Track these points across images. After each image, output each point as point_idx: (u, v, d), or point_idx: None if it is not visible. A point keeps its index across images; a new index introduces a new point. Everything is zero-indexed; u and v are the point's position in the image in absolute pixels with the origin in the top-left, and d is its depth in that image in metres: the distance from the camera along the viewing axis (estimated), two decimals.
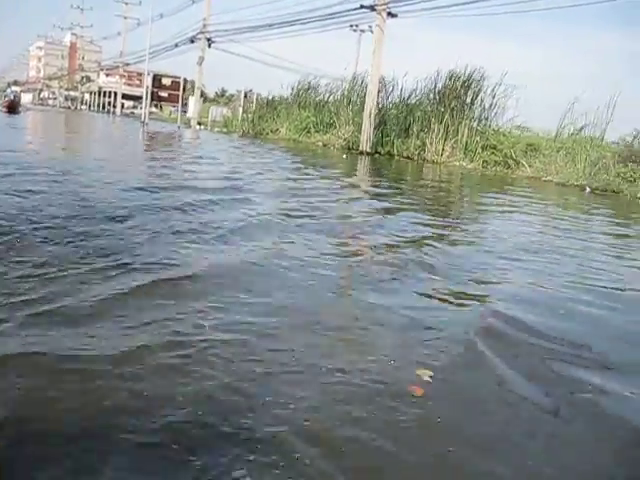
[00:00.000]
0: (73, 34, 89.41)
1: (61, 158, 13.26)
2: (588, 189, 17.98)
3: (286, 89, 35.93)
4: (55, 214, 5.98)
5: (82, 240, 5.10)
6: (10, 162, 9.91)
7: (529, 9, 24.61)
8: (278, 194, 9.82)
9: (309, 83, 34.02)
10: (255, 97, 39.94)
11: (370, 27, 38.20)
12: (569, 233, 8.96)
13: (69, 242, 4.98)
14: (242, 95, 41.12)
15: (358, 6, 23.85)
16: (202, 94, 65.71)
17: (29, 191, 7.14)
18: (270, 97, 36.94)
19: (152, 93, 42.58)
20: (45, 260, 4.36)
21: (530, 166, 21.49)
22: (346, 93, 30.33)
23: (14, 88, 66.37)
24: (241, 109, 39.64)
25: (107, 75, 70.14)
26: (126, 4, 52.46)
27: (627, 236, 9.85)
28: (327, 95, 32.57)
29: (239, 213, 7.45)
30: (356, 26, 39.45)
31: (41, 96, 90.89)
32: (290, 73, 54.06)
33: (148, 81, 41.37)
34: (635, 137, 20.36)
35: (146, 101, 40.26)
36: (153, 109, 65.60)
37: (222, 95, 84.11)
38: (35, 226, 5.35)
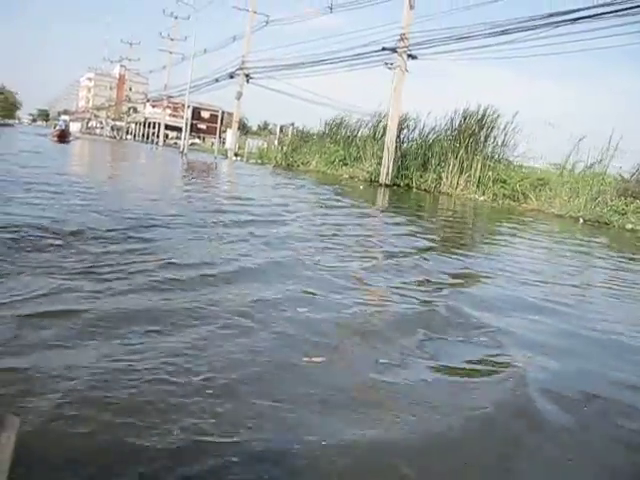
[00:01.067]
0: (122, 66, 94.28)
1: (104, 183, 15.78)
2: (582, 220, 19.78)
3: (320, 124, 38.60)
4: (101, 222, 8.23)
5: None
6: (63, 183, 12.40)
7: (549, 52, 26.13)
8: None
9: (341, 119, 36.53)
10: (290, 131, 42.64)
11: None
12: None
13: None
14: (278, 129, 43.92)
15: (380, 48, 26.20)
16: (244, 127, 69.26)
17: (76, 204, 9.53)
18: (303, 131, 39.59)
19: (192, 125, 45.48)
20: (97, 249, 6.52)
21: (537, 199, 23.32)
22: (372, 129, 32.75)
23: (64, 117, 70.69)
24: (276, 142, 42.35)
25: (153, 106, 74.04)
26: (172, 40, 56.11)
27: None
28: (356, 130, 35.05)
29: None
30: (391, 64, 42.16)
31: (89, 125, 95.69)
32: (327, 109, 56.59)
33: (188, 114, 44.45)
34: (635, 173, 22.05)
35: (185, 133, 43.33)
36: (196, 140, 69.20)
37: (264, 128, 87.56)
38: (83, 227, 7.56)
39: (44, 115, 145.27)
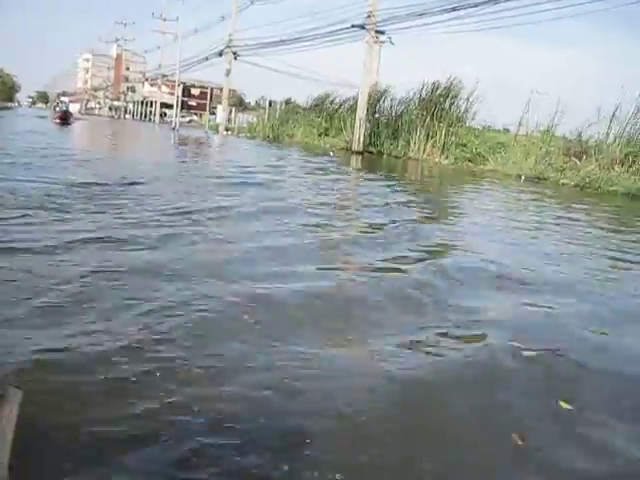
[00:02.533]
0: (119, 46, 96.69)
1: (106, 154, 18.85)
2: (523, 177, 22.63)
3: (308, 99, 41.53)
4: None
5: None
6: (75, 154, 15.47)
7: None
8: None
9: (326, 94, 39.51)
10: (279, 105, 45.45)
11: (390, 38, 43.48)
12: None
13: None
14: (267, 103, 46.75)
15: (350, 25, 28.97)
16: (242, 102, 71.87)
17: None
18: (291, 105, 42.47)
19: (182, 102, 48.31)
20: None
21: (494, 161, 26.14)
22: (354, 102, 35.53)
23: (63, 99, 73.51)
24: (266, 116, 45.17)
25: (151, 85, 76.70)
26: (164, 20, 58.78)
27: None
28: (340, 104, 37.96)
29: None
30: (376, 37, 44.73)
31: (88, 106, 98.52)
32: (318, 84, 59.49)
33: (178, 91, 47.35)
34: (579, 134, 24.82)
35: (177, 110, 46.28)
36: (194, 117, 71.93)
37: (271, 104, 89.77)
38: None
39: (43, 97, 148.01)
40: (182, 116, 71.47)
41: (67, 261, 5.12)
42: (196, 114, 72.98)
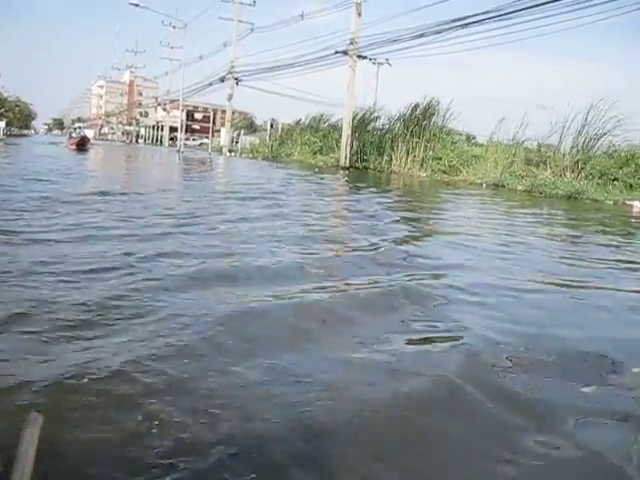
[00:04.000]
0: (131, 72, 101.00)
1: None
2: (484, 185, 25.68)
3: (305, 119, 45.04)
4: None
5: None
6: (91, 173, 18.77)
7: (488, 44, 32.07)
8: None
9: (320, 115, 43.05)
10: (280, 126, 48.94)
11: (387, 60, 46.95)
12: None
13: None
14: (268, 125, 50.28)
15: (333, 52, 32.32)
16: (252, 124, 75.62)
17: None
18: (287, 127, 45.96)
19: (186, 126, 51.95)
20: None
21: (466, 172, 29.21)
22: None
23: (78, 124, 77.60)
24: (268, 137, 48.68)
25: (164, 110, 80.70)
26: (171, 48, 62.70)
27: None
28: (334, 124, 41.33)
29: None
30: (374, 59, 48.12)
31: (101, 131, 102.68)
32: (319, 104, 63.29)
33: (183, 116, 51.02)
34: (539, 146, 27.86)
35: (180, 133, 49.98)
36: (204, 140, 75.73)
37: (272, 125, 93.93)
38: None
39: (59, 124, 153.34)
40: (193, 139, 75.65)
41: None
42: (206, 137, 76.85)
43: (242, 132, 60.63)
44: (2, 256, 6.04)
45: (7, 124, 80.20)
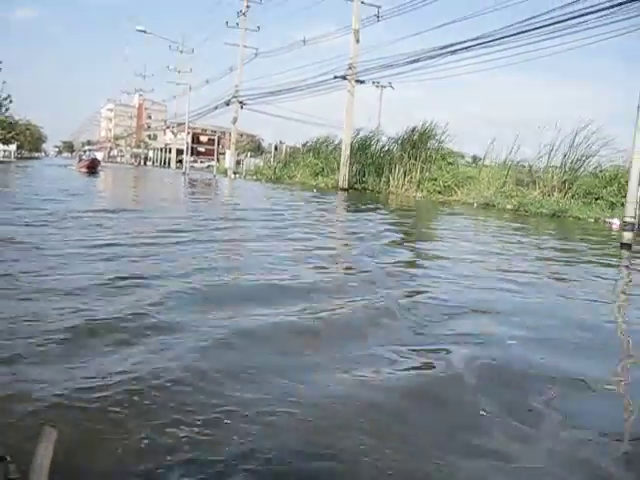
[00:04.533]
0: (140, 96, 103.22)
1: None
2: (475, 204, 26.85)
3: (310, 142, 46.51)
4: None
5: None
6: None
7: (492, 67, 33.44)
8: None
9: (326, 137, 44.44)
10: (284, 149, 50.42)
11: (390, 83, 48.46)
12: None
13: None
14: (273, 147, 51.77)
15: (332, 77, 33.72)
16: (260, 147, 77.29)
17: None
18: (290, 149, 47.43)
19: (192, 148, 53.52)
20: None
21: (461, 192, 30.38)
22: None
23: (88, 147, 79.55)
24: (272, 159, 50.13)
25: (172, 133, 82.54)
26: (178, 72, 64.43)
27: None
28: (335, 146, 42.66)
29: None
30: (378, 82, 49.62)
31: (110, 154, 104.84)
32: (323, 127, 65.11)
33: (188, 139, 52.66)
34: (530, 167, 29.02)
35: (186, 156, 51.55)
36: (212, 162, 77.31)
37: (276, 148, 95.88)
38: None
39: (69, 147, 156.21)
40: (201, 162, 77.24)
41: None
42: (217, 160, 78.45)
43: (249, 154, 62.24)
44: None
45: (18, 147, 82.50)
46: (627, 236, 13.37)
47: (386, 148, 36.11)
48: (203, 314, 5.22)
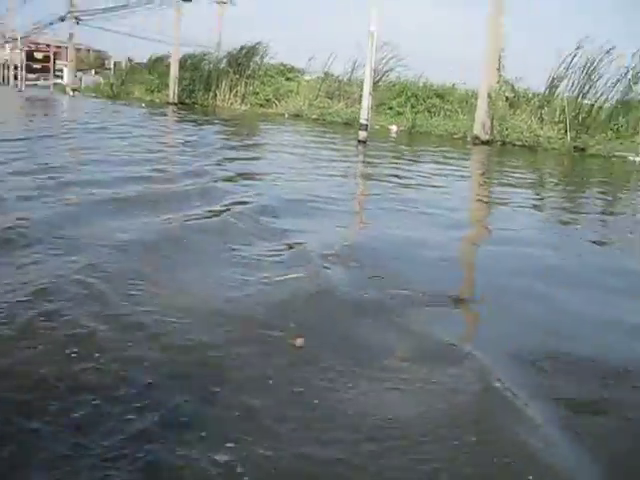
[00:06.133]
0: None
1: None
2: (287, 115, 30.38)
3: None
4: None
5: None
6: None
7: None
8: None
9: (163, 54, 45.93)
10: (124, 65, 51.33)
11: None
12: None
13: None
14: (112, 64, 52.67)
15: None
16: (103, 64, 76.30)
17: None
18: (129, 66, 48.72)
19: (27, 65, 53.12)
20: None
21: (280, 105, 33.80)
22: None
23: None
24: (110, 76, 51.03)
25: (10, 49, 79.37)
26: None
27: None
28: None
29: None
30: None
31: None
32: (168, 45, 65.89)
33: (22, 56, 52.33)
34: (339, 81, 32.67)
35: (22, 72, 51.32)
36: (58, 80, 75.68)
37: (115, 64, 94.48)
38: None
39: None
40: (44, 79, 74.91)
41: None
42: (58, 76, 76.67)
43: (93, 72, 61.92)
44: None
45: None
46: (362, 135, 17.59)
47: (220, 66, 38.63)
48: None
